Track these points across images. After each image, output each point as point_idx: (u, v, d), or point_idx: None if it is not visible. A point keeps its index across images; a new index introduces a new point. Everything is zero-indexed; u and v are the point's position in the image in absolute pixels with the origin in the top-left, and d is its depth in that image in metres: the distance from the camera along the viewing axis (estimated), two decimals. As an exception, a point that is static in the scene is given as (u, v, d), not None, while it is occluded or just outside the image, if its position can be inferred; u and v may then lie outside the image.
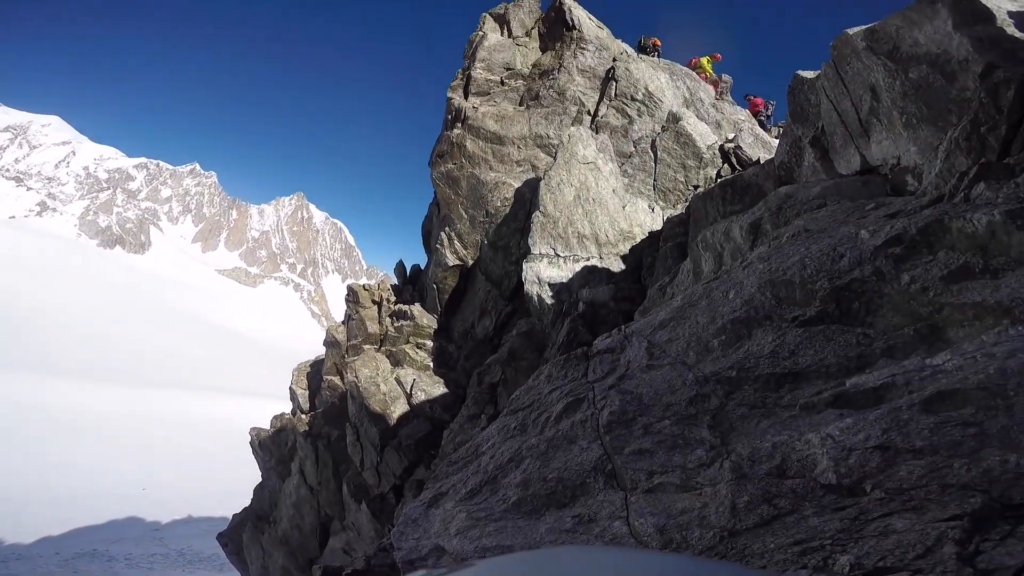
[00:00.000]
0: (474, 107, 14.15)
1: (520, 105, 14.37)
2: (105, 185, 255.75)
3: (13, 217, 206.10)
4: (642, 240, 10.39)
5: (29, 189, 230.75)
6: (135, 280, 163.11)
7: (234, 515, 19.86)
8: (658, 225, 10.67)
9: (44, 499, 33.42)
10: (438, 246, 13.91)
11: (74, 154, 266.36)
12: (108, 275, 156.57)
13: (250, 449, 19.29)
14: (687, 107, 14.30)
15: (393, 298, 15.31)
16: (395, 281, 17.22)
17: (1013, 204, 2.72)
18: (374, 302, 15.14)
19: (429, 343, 13.55)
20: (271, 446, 17.56)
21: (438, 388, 12.46)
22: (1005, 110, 3.68)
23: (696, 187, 12.23)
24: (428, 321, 13.85)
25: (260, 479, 18.92)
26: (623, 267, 9.87)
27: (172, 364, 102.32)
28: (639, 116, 13.24)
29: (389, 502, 11.66)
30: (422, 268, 16.46)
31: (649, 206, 11.71)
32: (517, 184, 12.88)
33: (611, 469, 2.85)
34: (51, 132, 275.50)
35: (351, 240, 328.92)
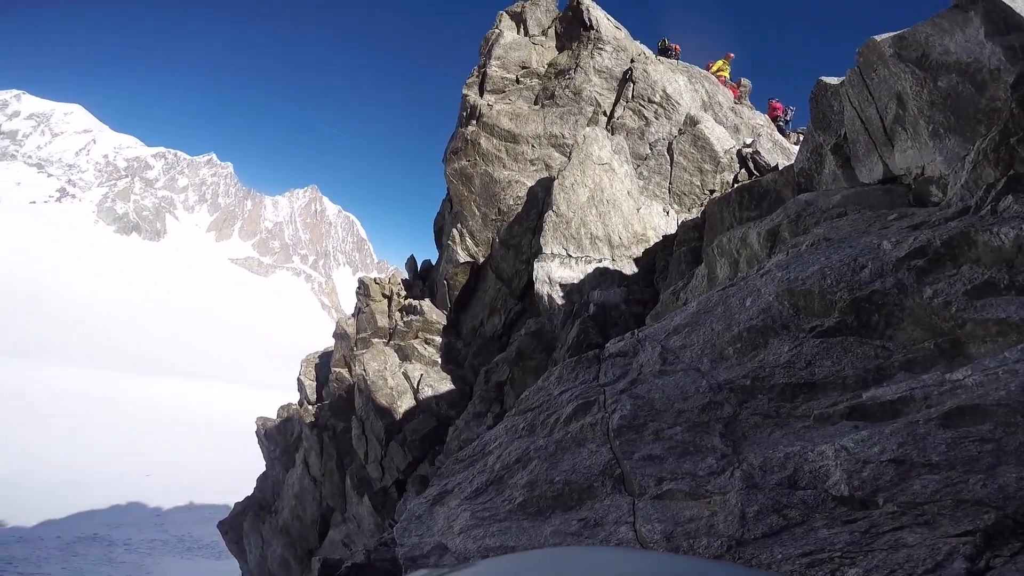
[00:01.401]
0: (489, 105, 14.13)
1: (535, 104, 14.33)
2: (123, 173, 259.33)
3: (34, 202, 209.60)
4: (656, 243, 10.32)
5: (50, 176, 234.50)
6: (149, 267, 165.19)
7: (236, 504, 20.01)
8: (672, 228, 10.59)
9: (48, 483, 33.75)
10: (449, 242, 13.92)
11: (94, 142, 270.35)
12: (122, 262, 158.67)
13: (255, 439, 19.45)
14: (705, 110, 14.18)
15: (403, 293, 15.35)
16: (406, 276, 17.27)
17: (1042, 218, 2.65)
18: (384, 296, 15.18)
19: (438, 339, 13.57)
20: (277, 436, 17.70)
21: (445, 384, 12.48)
22: (1035, 122, 3.59)
23: (712, 191, 12.12)
24: (437, 317, 13.87)
25: (264, 469, 19.07)
26: (635, 270, 9.81)
27: (181, 352, 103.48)
28: (656, 118, 13.15)
29: (391, 496, 11.70)
30: (433, 264, 16.49)
31: (664, 209, 11.64)
32: (530, 183, 12.85)
33: (620, 474, 2.82)
34: (73, 120, 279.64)
35: (363, 234, 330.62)
